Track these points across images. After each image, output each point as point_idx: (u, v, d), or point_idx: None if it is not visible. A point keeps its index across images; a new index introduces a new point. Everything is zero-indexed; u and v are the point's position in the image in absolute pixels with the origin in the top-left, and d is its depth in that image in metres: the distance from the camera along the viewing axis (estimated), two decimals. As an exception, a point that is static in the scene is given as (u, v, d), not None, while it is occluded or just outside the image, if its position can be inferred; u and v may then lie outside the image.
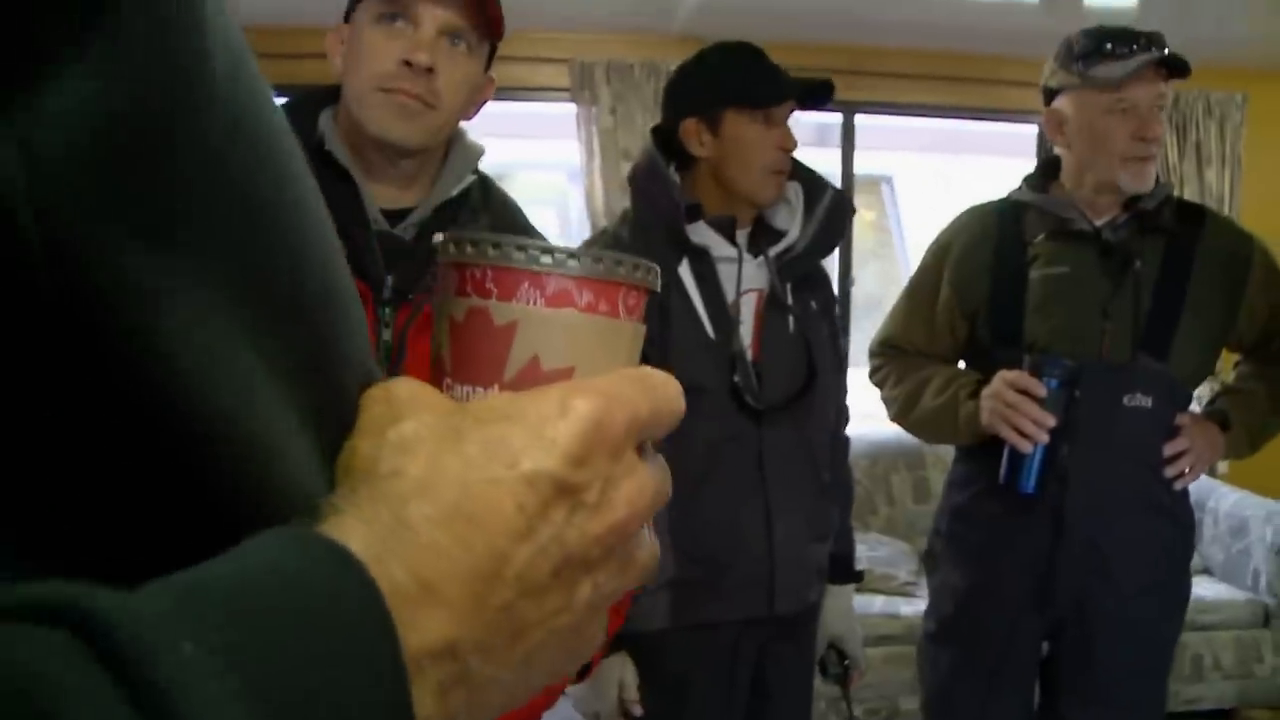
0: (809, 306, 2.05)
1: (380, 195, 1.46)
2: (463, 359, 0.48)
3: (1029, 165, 2.45)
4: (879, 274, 8.21)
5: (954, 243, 2.32)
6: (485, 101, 1.56)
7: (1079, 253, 2.19)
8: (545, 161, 6.39)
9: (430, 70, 1.40)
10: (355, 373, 0.44)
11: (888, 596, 3.79)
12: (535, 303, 0.47)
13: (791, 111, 2.00)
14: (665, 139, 2.03)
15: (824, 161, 5.02)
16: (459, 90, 1.45)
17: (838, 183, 4.71)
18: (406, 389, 0.43)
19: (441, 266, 0.50)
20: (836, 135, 4.78)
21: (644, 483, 0.43)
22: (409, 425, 0.40)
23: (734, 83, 1.98)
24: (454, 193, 1.48)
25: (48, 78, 0.29)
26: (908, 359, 2.35)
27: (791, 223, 2.03)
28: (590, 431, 0.41)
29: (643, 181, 2.00)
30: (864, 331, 4.50)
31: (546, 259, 0.47)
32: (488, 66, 1.54)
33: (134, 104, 0.31)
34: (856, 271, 5.29)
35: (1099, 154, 2.17)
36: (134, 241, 0.31)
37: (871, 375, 2.41)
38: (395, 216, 1.46)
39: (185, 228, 0.33)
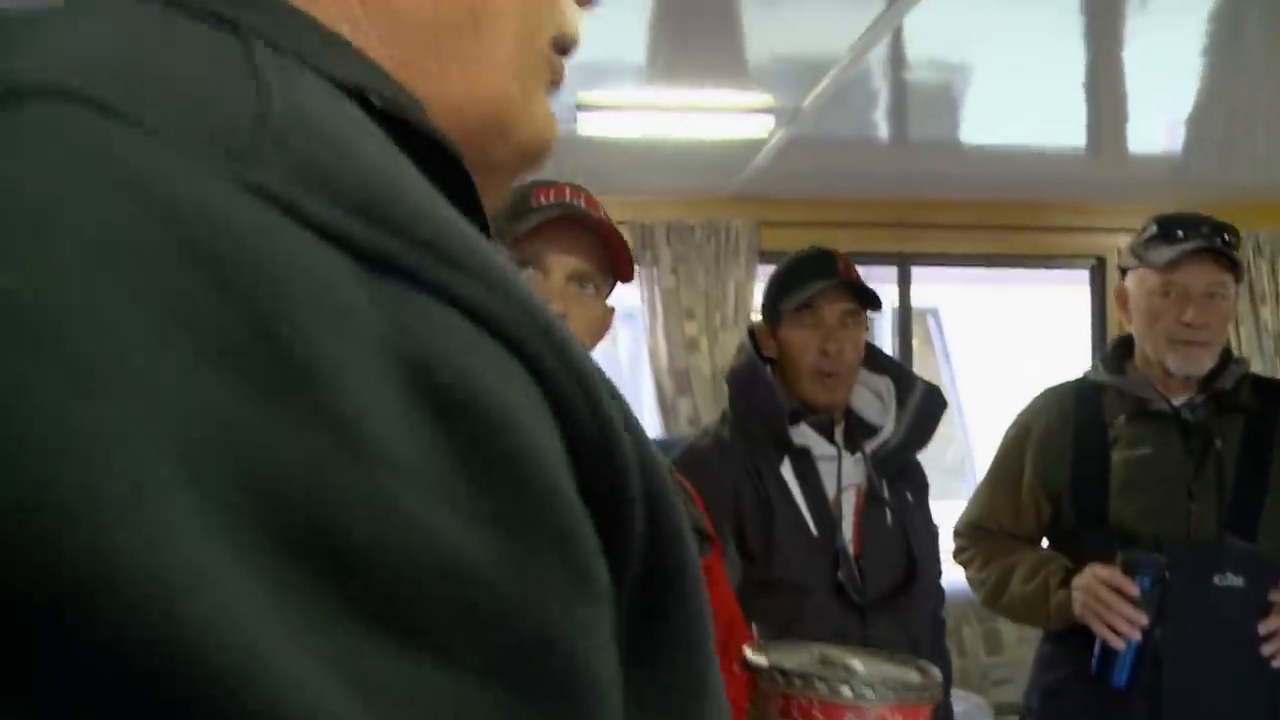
0: (905, 498, 2.12)
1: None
2: None
3: (1077, 297, 2.54)
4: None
5: (1034, 425, 2.38)
6: (607, 330, 1.65)
7: (1160, 433, 2.25)
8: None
9: (562, 317, 1.49)
10: None
11: (968, 753, 3.76)
12: None
13: (846, 315, 2.08)
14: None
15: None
16: (588, 331, 1.54)
17: (891, 330, 4.80)
18: None
19: (766, 690, 0.59)
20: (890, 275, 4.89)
21: None
22: None
23: (785, 283, 2.08)
24: None
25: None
26: (994, 540, 2.40)
27: (885, 418, 2.11)
28: None
29: (743, 384, 2.09)
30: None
31: (869, 693, 0.56)
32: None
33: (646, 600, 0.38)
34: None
35: (1151, 334, 2.25)
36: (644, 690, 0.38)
37: (956, 555, 2.46)
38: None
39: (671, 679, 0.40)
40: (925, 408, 2.12)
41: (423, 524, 0.27)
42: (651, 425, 4.64)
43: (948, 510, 2.48)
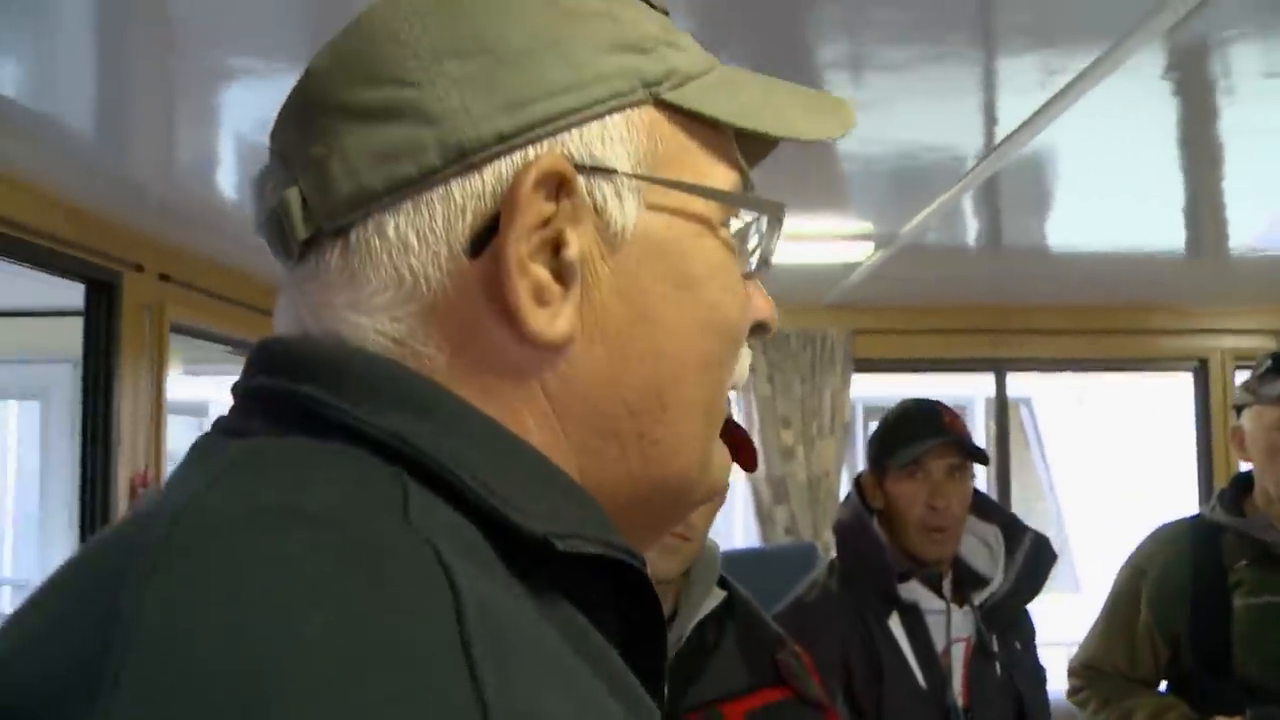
0: (1014, 647, 2.09)
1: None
2: None
3: (1175, 387, 2.49)
4: (1020, 494, 8.30)
5: (1149, 566, 2.34)
6: (722, 505, 1.67)
7: None
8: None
9: None
10: None
11: None
12: None
13: (953, 470, 2.06)
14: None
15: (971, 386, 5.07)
16: (706, 515, 1.56)
17: (986, 432, 4.75)
18: None
19: None
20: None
21: None
22: None
23: (892, 440, 2.09)
24: (709, 610, 1.58)
25: None
26: (1110, 682, 2.35)
27: (993, 568, 2.09)
28: None
29: (850, 539, 2.09)
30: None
31: None
32: None
33: None
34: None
35: (1272, 470, 2.20)
36: None
37: (1071, 695, 2.42)
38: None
39: None
40: (1034, 558, 2.09)
41: None
42: (749, 533, 4.63)
43: (1042, 606, 2.40)
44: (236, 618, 0.37)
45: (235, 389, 0.54)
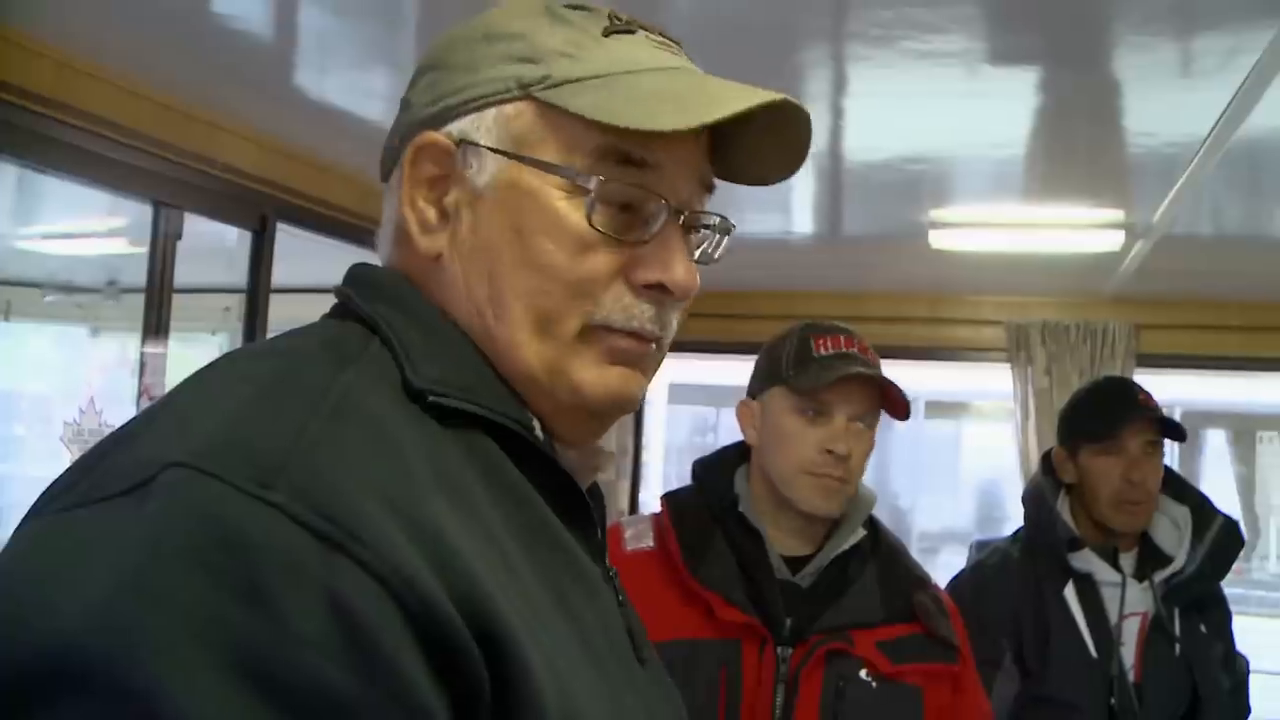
0: (1198, 630, 2.13)
1: (782, 543, 1.76)
2: None
3: None
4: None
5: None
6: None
7: None
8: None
9: (844, 455, 1.71)
10: None
11: None
12: None
13: (1148, 445, 2.13)
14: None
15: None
16: (865, 460, 1.75)
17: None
18: None
19: None
20: None
21: None
22: None
23: (1084, 414, 2.17)
24: (848, 545, 1.76)
25: None
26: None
27: (1179, 548, 2.14)
28: None
29: (1031, 507, 2.21)
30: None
31: None
32: None
33: None
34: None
35: None
36: None
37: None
38: (795, 562, 1.77)
39: None
40: (1222, 542, 2.12)
41: (316, 668, 0.55)
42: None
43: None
44: (211, 386, 0.68)
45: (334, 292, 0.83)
